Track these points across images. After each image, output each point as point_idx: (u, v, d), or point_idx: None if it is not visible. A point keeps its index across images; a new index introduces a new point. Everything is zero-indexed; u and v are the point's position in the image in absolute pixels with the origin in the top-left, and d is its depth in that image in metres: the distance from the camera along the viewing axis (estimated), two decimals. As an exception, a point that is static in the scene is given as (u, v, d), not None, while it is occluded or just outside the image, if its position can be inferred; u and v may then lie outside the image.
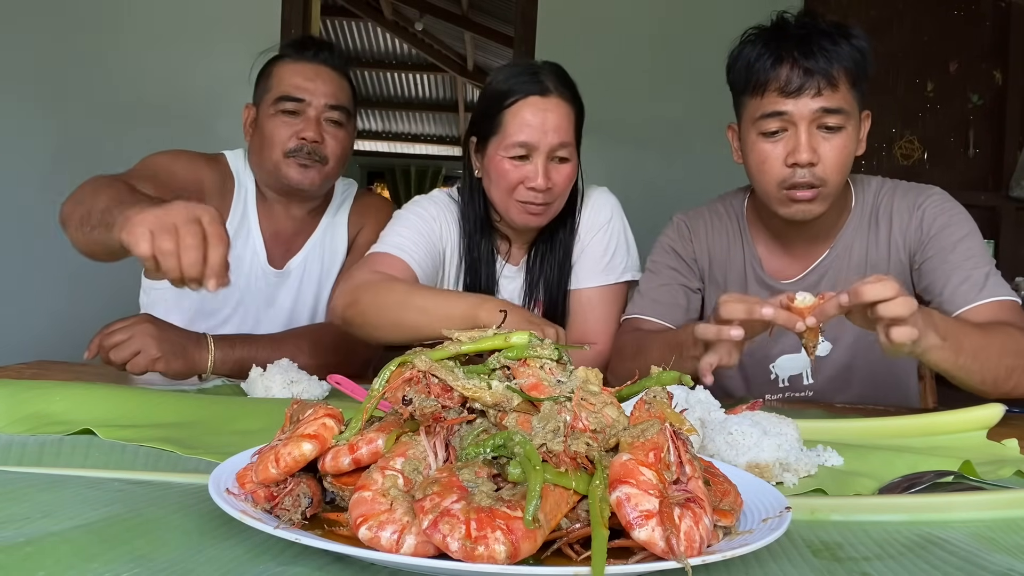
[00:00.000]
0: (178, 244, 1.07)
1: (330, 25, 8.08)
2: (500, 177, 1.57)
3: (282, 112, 1.72)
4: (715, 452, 0.92)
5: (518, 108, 1.55)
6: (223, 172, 1.82)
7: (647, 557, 0.57)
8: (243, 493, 0.66)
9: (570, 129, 1.57)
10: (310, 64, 1.75)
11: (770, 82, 1.43)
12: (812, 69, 1.40)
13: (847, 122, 1.44)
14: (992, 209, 3.69)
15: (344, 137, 1.78)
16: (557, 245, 1.69)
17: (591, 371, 0.68)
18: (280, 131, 1.72)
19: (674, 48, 3.78)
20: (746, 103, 1.49)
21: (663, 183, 3.59)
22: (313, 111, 1.72)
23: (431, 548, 0.55)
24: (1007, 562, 0.68)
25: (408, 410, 0.63)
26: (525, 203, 1.56)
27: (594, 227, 1.69)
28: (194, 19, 3.67)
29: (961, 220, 1.52)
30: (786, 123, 1.43)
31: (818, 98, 1.41)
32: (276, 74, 1.76)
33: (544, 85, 1.56)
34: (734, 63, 1.51)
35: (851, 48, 1.43)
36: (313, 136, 1.71)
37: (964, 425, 1.19)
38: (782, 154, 1.44)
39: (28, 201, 3.58)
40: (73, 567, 0.57)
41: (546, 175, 1.54)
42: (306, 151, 1.72)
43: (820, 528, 0.76)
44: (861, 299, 1.11)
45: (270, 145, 1.73)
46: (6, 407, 1.00)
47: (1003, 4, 3.79)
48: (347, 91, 1.79)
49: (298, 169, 1.72)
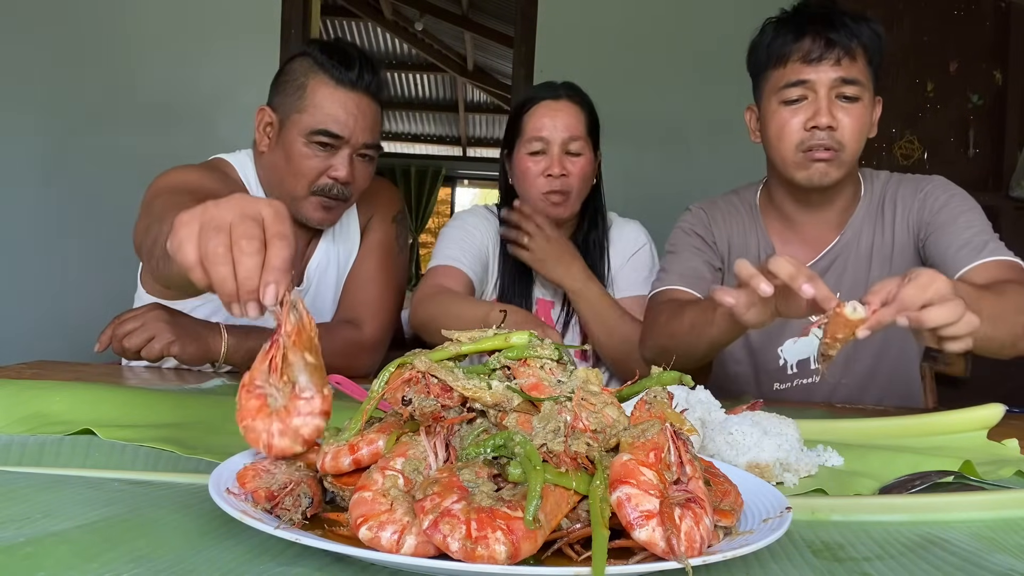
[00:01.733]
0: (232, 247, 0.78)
1: (330, 25, 8.08)
2: (523, 172, 1.79)
3: (316, 143, 1.58)
4: (715, 452, 0.92)
5: (534, 111, 1.79)
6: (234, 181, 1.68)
7: (647, 557, 0.57)
8: (243, 493, 0.65)
9: (580, 127, 1.79)
10: (352, 93, 1.59)
11: (792, 52, 1.50)
12: (834, 40, 1.48)
13: (864, 94, 1.50)
14: (992, 209, 3.66)
15: (371, 168, 1.68)
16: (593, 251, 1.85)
17: (591, 371, 0.68)
18: (310, 165, 1.59)
19: (674, 48, 3.78)
20: (768, 76, 1.55)
21: (663, 183, 3.59)
22: (349, 149, 1.60)
23: (431, 548, 0.55)
24: (1007, 562, 0.68)
25: (408, 410, 0.63)
26: (547, 193, 1.77)
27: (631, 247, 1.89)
28: (194, 19, 3.67)
29: (962, 199, 1.57)
30: (807, 91, 1.50)
31: (837, 67, 1.48)
32: (313, 94, 1.59)
33: (556, 92, 1.81)
34: (755, 46, 1.59)
35: (869, 29, 1.51)
36: (346, 177, 1.60)
37: (964, 425, 1.18)
38: (802, 119, 1.50)
39: (28, 201, 3.58)
40: (73, 567, 0.57)
41: (560, 164, 1.76)
42: (336, 192, 1.61)
43: (820, 528, 0.76)
44: (924, 325, 1.01)
45: (295, 175, 1.61)
46: (6, 407, 1.00)
47: (1003, 4, 3.79)
48: (381, 120, 1.67)
49: (321, 210, 1.63)
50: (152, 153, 2.24)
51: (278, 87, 1.65)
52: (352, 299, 1.77)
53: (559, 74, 2.07)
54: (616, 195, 1.83)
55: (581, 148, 1.78)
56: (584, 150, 1.78)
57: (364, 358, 1.70)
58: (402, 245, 1.86)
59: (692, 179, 3.52)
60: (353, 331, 1.71)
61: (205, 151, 1.83)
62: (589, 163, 1.80)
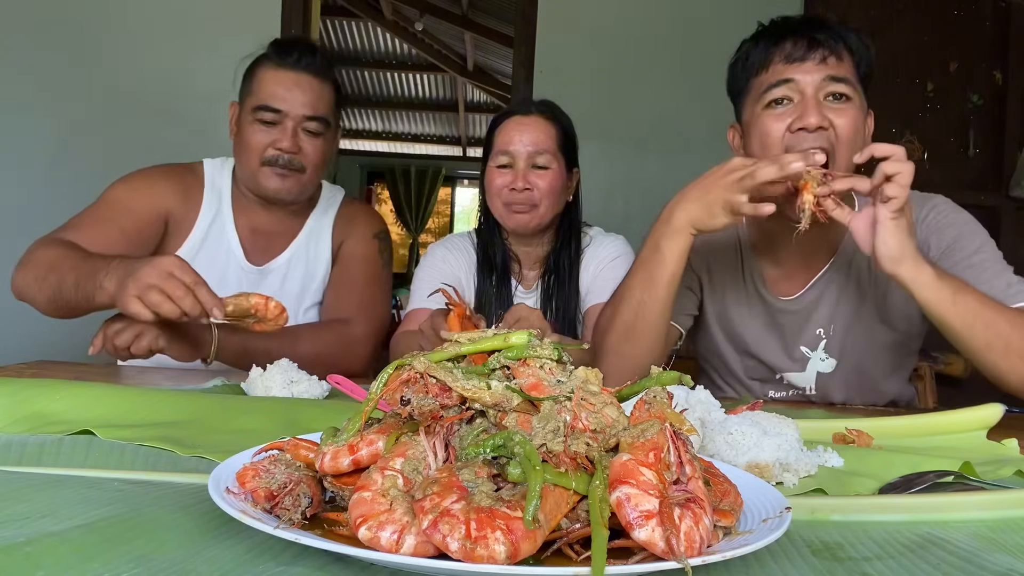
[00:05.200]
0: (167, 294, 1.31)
1: (330, 25, 8.08)
2: (490, 184, 1.82)
3: (260, 121, 1.72)
4: (715, 452, 0.92)
5: (504, 126, 1.83)
6: (189, 183, 1.82)
7: (647, 557, 0.57)
8: (243, 493, 0.65)
9: (549, 141, 1.80)
10: (291, 72, 1.73)
11: (774, 54, 1.39)
12: (818, 39, 1.36)
13: (854, 95, 1.37)
14: (992, 209, 3.69)
15: (322, 145, 1.78)
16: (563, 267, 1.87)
17: (591, 371, 0.68)
18: (257, 139, 1.73)
19: (674, 48, 3.78)
20: (749, 88, 1.44)
21: (663, 183, 3.57)
22: (291, 122, 1.72)
23: (431, 548, 0.55)
24: (1007, 562, 0.68)
25: (407, 410, 0.63)
26: (509, 204, 1.79)
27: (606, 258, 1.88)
28: (194, 19, 3.67)
29: (971, 231, 1.46)
30: (791, 91, 1.36)
31: (823, 66, 1.36)
32: (258, 78, 1.75)
33: (528, 107, 1.84)
34: (733, 65, 1.49)
35: (856, 36, 1.40)
36: (289, 147, 1.72)
37: (964, 425, 1.18)
38: (787, 122, 1.37)
39: (28, 201, 3.58)
40: (73, 567, 0.57)
41: (524, 177, 1.77)
42: (283, 161, 1.73)
43: (820, 528, 0.76)
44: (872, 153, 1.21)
45: (247, 152, 1.74)
46: (6, 407, 1.00)
47: (1003, 4, 3.79)
48: (328, 99, 1.78)
49: (276, 178, 1.74)
50: (153, 153, 2.25)
51: (241, 84, 1.82)
52: (338, 303, 1.84)
53: (559, 74, 2.08)
54: (616, 195, 1.83)
55: (548, 162, 1.78)
56: (552, 164, 1.79)
57: (357, 348, 1.75)
58: (385, 260, 1.92)
59: (692, 179, 3.51)
60: (343, 326, 1.77)
61: (205, 150, 1.87)
62: (557, 177, 1.80)
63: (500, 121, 1.84)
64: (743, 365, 1.63)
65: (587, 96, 3.73)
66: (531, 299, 1.88)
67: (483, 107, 9.87)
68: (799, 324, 1.57)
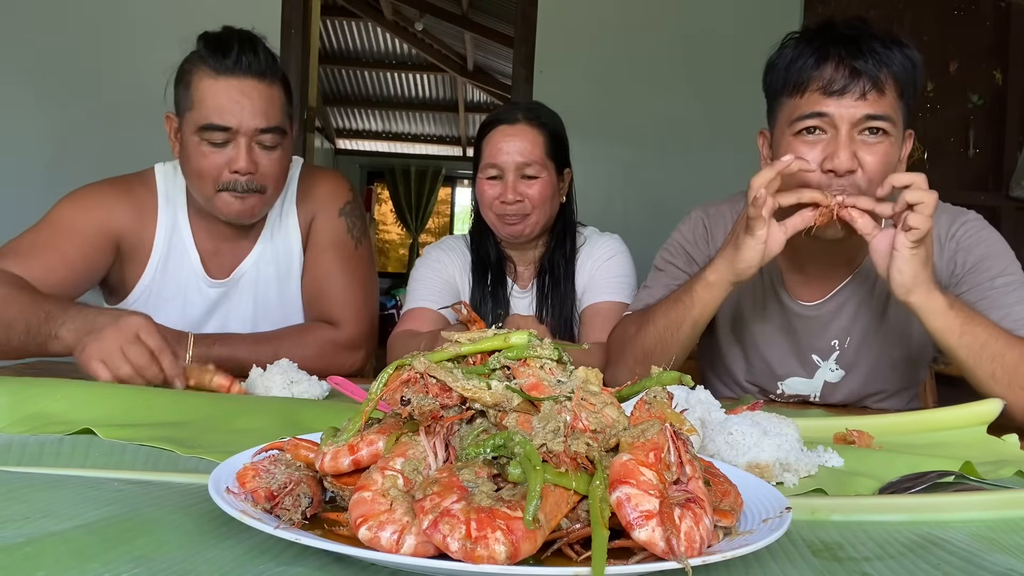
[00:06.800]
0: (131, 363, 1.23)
1: (330, 25, 8.08)
2: (480, 196, 1.82)
3: (208, 142, 1.52)
4: (715, 452, 0.92)
5: (490, 136, 1.79)
6: (142, 199, 1.67)
7: (647, 557, 0.57)
8: (243, 493, 0.65)
9: (537, 151, 1.77)
10: (233, 79, 1.53)
11: (812, 81, 1.32)
12: (859, 70, 1.29)
13: (893, 130, 1.32)
14: (992, 209, 3.69)
15: (281, 157, 1.59)
16: (558, 267, 1.86)
17: (591, 371, 0.68)
18: (208, 163, 1.53)
19: (674, 48, 3.78)
20: (783, 104, 1.38)
21: (663, 183, 3.59)
22: (243, 138, 1.52)
23: (431, 548, 0.55)
24: (1007, 562, 0.68)
25: (407, 410, 0.63)
26: (501, 216, 1.78)
27: (602, 257, 1.86)
28: (194, 19, 3.65)
29: (997, 251, 1.43)
30: (826, 125, 1.32)
31: (862, 102, 1.29)
32: (196, 89, 1.54)
33: (514, 115, 1.80)
34: (772, 65, 1.41)
35: (902, 56, 1.33)
36: (246, 166, 1.52)
37: (964, 421, 1.19)
38: (818, 158, 1.31)
39: (28, 201, 3.56)
40: (73, 567, 0.57)
41: (514, 190, 1.76)
42: (241, 187, 1.54)
43: (820, 528, 0.76)
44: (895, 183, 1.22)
45: (200, 179, 1.56)
46: (6, 407, 1.00)
47: (1003, 4, 3.79)
48: (279, 102, 1.57)
49: (235, 203, 1.56)
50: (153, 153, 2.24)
51: (175, 90, 1.61)
52: (319, 300, 1.71)
53: (559, 74, 2.07)
54: (616, 195, 1.82)
55: (538, 171, 1.76)
56: (541, 172, 1.77)
57: (344, 356, 1.65)
58: (357, 237, 1.77)
59: (692, 179, 3.52)
60: (329, 331, 1.66)
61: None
62: (548, 185, 1.78)
63: (487, 131, 1.81)
64: (746, 367, 1.62)
65: (587, 96, 3.73)
66: (527, 299, 1.88)
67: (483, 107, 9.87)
68: (815, 331, 1.54)
